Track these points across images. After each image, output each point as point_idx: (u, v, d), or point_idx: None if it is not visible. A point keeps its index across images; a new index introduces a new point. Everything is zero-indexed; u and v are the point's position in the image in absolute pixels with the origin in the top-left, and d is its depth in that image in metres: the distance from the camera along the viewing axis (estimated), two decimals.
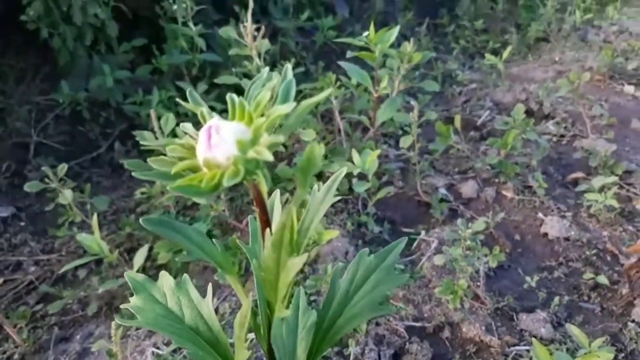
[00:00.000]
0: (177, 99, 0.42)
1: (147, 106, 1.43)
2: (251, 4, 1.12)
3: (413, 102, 1.37)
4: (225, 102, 1.23)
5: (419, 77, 1.97)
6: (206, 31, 1.48)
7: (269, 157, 0.29)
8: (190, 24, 1.43)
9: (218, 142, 0.30)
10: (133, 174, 0.34)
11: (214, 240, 0.42)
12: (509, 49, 1.69)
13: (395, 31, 1.14)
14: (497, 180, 1.24)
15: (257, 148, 0.30)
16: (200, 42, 1.44)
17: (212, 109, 1.30)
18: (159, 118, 1.44)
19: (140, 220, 0.38)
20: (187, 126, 0.34)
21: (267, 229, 0.38)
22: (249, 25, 1.16)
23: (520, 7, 2.42)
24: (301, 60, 1.92)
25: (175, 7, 1.41)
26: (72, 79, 1.47)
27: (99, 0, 1.38)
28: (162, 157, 0.32)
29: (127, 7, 1.53)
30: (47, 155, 1.39)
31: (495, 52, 2.22)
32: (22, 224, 1.25)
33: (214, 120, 0.32)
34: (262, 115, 0.32)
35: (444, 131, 1.18)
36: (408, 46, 1.26)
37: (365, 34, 1.12)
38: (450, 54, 2.20)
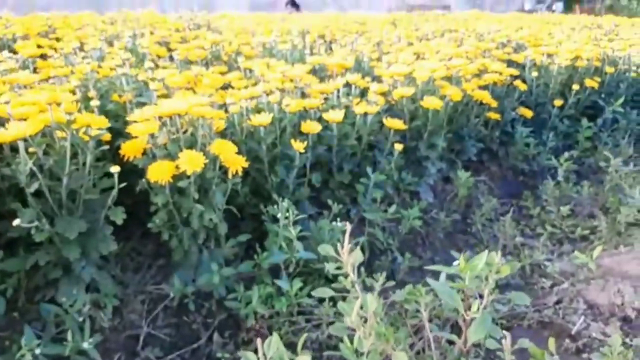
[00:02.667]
0: None
1: (247, 301, 1.54)
2: (348, 230, 1.24)
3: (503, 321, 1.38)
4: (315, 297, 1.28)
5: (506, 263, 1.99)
6: (304, 234, 1.63)
7: None
8: (290, 227, 1.58)
9: None
10: None
11: None
12: (599, 248, 1.69)
13: (484, 257, 1.20)
14: None
15: None
16: (299, 246, 1.57)
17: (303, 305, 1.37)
18: (254, 313, 1.54)
19: None
20: None
21: None
22: (345, 244, 1.27)
23: (607, 191, 2.43)
24: (388, 247, 2.00)
25: (279, 214, 1.58)
26: (183, 271, 1.64)
27: (214, 206, 1.58)
28: None
29: (236, 206, 1.73)
30: (154, 346, 1.50)
31: (585, 239, 2.22)
32: None
33: None
34: None
35: (538, 355, 1.17)
36: (495, 257, 1.32)
37: (456, 263, 1.20)
38: (537, 238, 2.21)
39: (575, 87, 2.81)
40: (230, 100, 1.83)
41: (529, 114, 2.78)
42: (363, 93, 2.29)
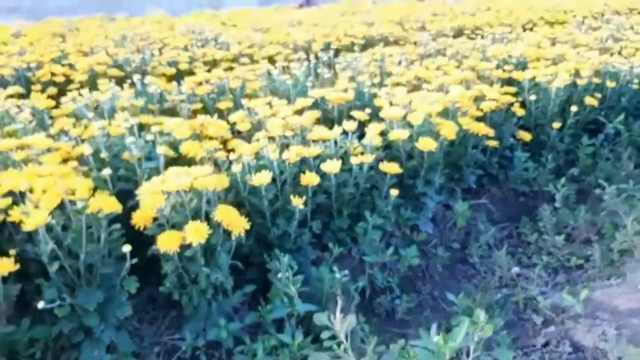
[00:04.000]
0: None
1: (253, 353, 1.68)
2: (340, 306, 1.35)
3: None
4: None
5: (501, 298, 2.09)
6: (304, 289, 1.75)
7: None
8: (291, 285, 1.70)
9: None
10: None
11: None
12: (586, 291, 1.79)
13: (463, 329, 1.31)
14: None
15: None
16: (299, 304, 1.69)
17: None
18: None
19: None
20: None
21: None
22: (337, 315, 1.39)
23: (603, 217, 2.50)
24: (388, 285, 2.11)
25: (279, 274, 1.70)
26: (193, 324, 1.77)
27: (220, 266, 1.70)
28: None
29: (241, 256, 1.85)
30: None
31: (580, 267, 2.30)
32: None
33: None
34: None
35: None
36: (481, 315, 1.42)
37: (435, 338, 1.30)
38: (533, 268, 2.29)
39: (574, 108, 2.86)
40: (234, 157, 1.94)
41: (527, 137, 2.84)
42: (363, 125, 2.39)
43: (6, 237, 1.70)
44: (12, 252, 1.56)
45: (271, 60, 4.91)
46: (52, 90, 3.94)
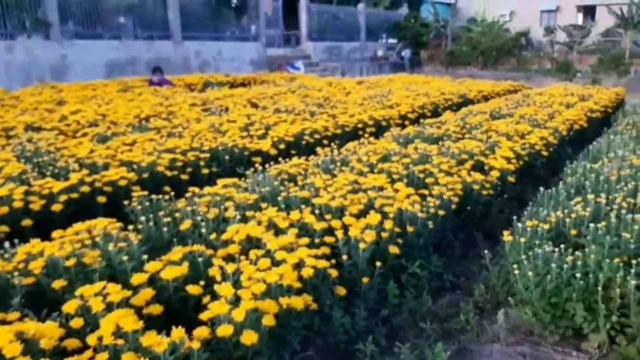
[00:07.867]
0: None
1: None
2: None
3: None
4: None
5: None
6: None
7: None
8: None
9: None
10: None
11: None
12: None
13: None
14: None
15: None
16: None
17: None
18: None
19: None
20: None
21: None
22: None
23: None
24: None
25: None
26: None
27: None
28: None
29: None
30: None
31: None
32: None
33: None
34: None
35: None
36: None
37: None
38: None
39: (379, 263, 3.40)
40: None
41: (343, 291, 3.29)
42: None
43: None
44: None
45: (115, 188, 4.95)
46: None
